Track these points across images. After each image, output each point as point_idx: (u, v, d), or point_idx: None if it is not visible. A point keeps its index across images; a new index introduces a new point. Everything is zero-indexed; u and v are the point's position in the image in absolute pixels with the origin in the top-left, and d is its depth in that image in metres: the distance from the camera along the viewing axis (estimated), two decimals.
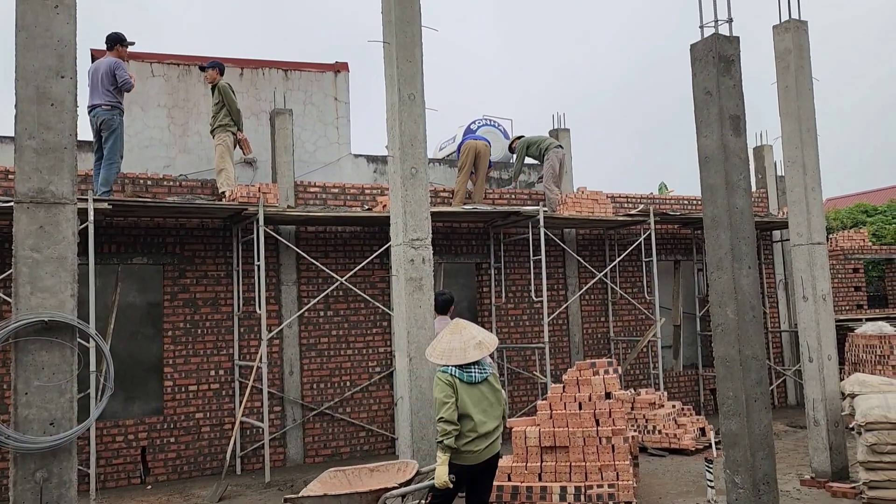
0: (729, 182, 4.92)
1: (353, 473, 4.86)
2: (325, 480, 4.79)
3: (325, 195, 9.60)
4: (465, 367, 4.61)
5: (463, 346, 4.64)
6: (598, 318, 11.31)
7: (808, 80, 7.20)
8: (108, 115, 8.05)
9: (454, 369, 4.59)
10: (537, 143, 10.78)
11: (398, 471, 4.83)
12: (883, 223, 18.54)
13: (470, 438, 4.51)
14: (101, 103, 8.07)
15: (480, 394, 4.62)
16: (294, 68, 10.60)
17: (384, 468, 4.90)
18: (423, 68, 5.59)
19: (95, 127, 8.14)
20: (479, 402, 4.59)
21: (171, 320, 8.68)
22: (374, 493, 4.44)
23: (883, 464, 5.88)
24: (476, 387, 4.61)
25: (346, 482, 4.79)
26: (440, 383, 4.55)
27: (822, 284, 7.06)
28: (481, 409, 4.58)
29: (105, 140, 8.05)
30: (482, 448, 4.57)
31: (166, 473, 8.44)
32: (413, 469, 4.75)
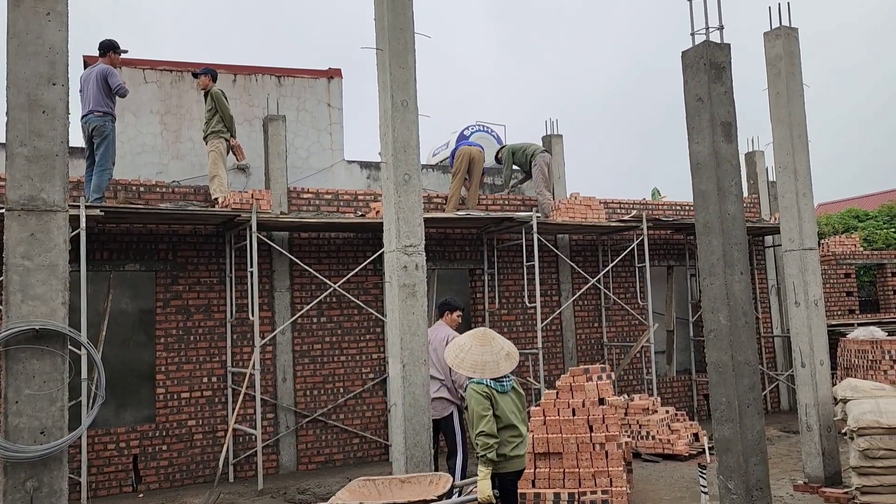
0: (721, 188, 4.94)
1: (383, 483, 4.73)
2: (353, 489, 4.69)
3: (319, 201, 9.59)
4: (497, 378, 4.64)
5: (495, 358, 4.66)
6: (592, 324, 11.32)
7: (799, 86, 7.25)
8: (101, 121, 8.03)
9: (489, 380, 4.61)
10: (522, 150, 10.80)
11: (430, 483, 4.69)
12: (874, 228, 18.63)
13: (514, 444, 4.57)
14: (93, 110, 8.05)
15: (511, 401, 4.68)
16: (287, 74, 10.61)
17: (415, 479, 4.78)
18: (416, 75, 5.60)
19: (87, 133, 8.12)
20: (512, 409, 4.65)
21: (163, 327, 8.65)
22: None
23: (875, 469, 5.89)
24: (508, 395, 4.67)
25: (375, 492, 4.66)
26: (477, 395, 4.55)
27: (814, 290, 7.09)
28: (515, 416, 4.65)
29: (97, 147, 8.03)
30: (524, 453, 4.66)
31: (158, 481, 8.40)
32: (447, 482, 4.65)
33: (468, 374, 4.65)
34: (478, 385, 4.59)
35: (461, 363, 4.70)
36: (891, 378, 8.92)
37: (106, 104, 8.10)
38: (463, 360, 4.71)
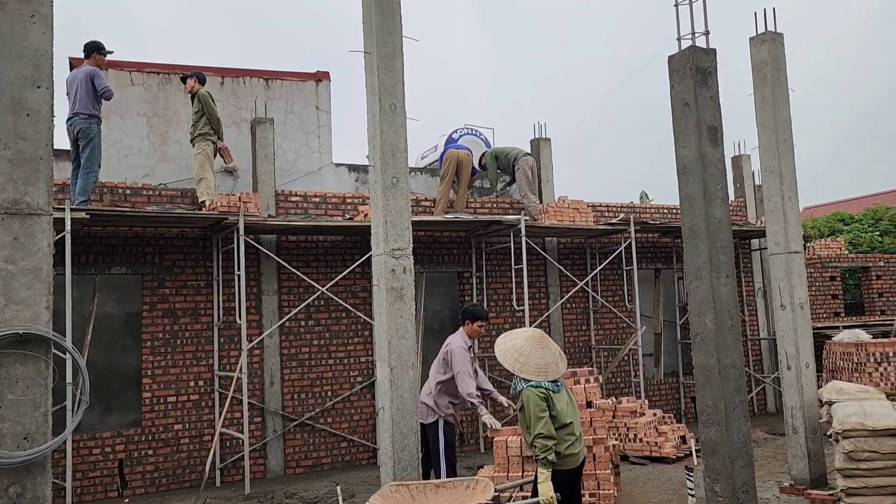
0: (707, 192, 4.97)
1: (417, 489, 4.69)
2: (385, 494, 4.64)
3: (307, 204, 9.57)
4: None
5: (554, 360, 4.77)
6: (580, 327, 11.35)
7: (785, 91, 7.31)
8: (86, 123, 7.97)
9: (545, 382, 4.65)
10: (505, 154, 10.81)
11: (467, 488, 4.66)
12: (859, 232, 18.80)
13: (570, 442, 4.65)
14: (78, 112, 8.00)
15: (565, 400, 4.77)
16: (275, 77, 10.57)
17: (451, 485, 4.73)
18: (404, 78, 5.59)
19: (73, 136, 8.06)
20: (566, 406, 4.74)
21: (149, 331, 8.59)
22: None
23: (860, 471, 5.93)
24: (560, 393, 4.76)
25: (409, 497, 4.62)
26: (535, 398, 4.58)
27: (800, 293, 7.14)
28: (570, 414, 4.73)
29: (82, 149, 7.97)
30: (580, 450, 4.74)
31: (144, 486, 8.33)
32: (485, 488, 4.59)
33: (532, 377, 4.67)
34: (535, 388, 4.63)
35: (524, 367, 4.72)
36: (875, 380, 9.00)
37: (92, 107, 8.05)
38: (525, 363, 4.74)
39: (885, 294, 14.98)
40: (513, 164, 10.67)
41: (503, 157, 10.81)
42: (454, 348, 6.44)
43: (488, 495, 4.46)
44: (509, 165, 10.75)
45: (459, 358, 6.37)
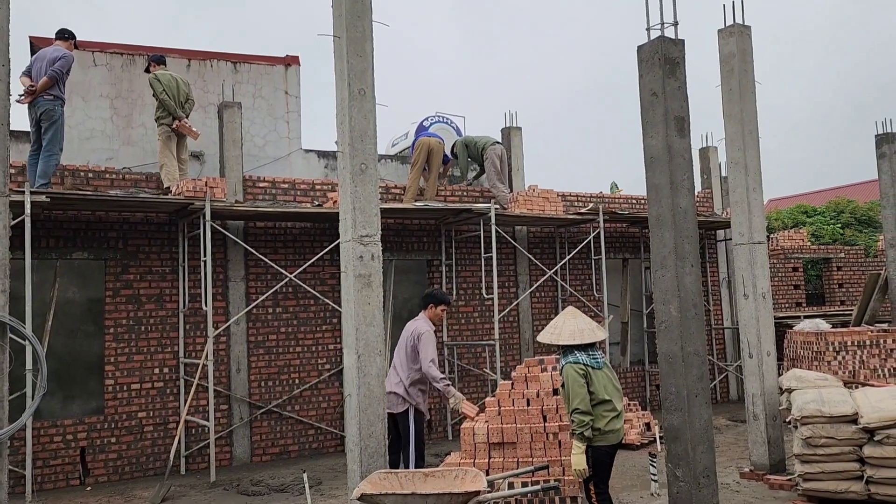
0: (673, 182, 5.02)
1: (406, 477, 4.73)
2: (374, 481, 4.64)
3: (275, 190, 9.47)
4: (591, 354, 4.93)
5: (590, 327, 5.02)
6: (549, 316, 11.42)
7: (751, 83, 7.40)
8: (50, 105, 7.77)
9: (584, 358, 4.87)
10: (475, 143, 10.81)
11: (455, 477, 4.70)
12: (822, 224, 19.20)
13: (609, 418, 4.81)
14: (42, 93, 7.79)
15: (606, 377, 4.92)
16: (243, 61, 10.42)
17: (440, 473, 4.76)
18: (374, 63, 5.54)
19: (35, 117, 7.86)
20: (607, 384, 4.89)
21: (113, 317, 8.45)
22: (467, 495, 4.37)
23: (817, 456, 6.07)
24: (601, 371, 4.91)
25: (397, 484, 4.65)
26: (573, 374, 4.81)
27: (763, 283, 7.27)
28: (611, 391, 4.88)
29: (45, 131, 7.78)
30: (620, 427, 4.88)
31: (107, 474, 8.22)
32: (475, 477, 4.61)
33: (568, 342, 4.92)
34: (574, 365, 4.83)
35: (559, 335, 5.00)
36: (834, 369, 9.20)
37: (56, 88, 7.85)
38: (560, 332, 5.02)
39: (845, 285, 15.34)
40: (481, 154, 10.66)
41: (473, 146, 10.80)
42: (424, 332, 6.37)
43: (479, 485, 4.50)
44: (478, 154, 10.75)
45: (429, 342, 6.33)
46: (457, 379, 10.44)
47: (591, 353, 4.96)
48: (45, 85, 7.73)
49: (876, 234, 18.44)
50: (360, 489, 4.52)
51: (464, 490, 4.44)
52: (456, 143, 11.11)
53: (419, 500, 4.40)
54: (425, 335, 6.36)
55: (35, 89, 7.70)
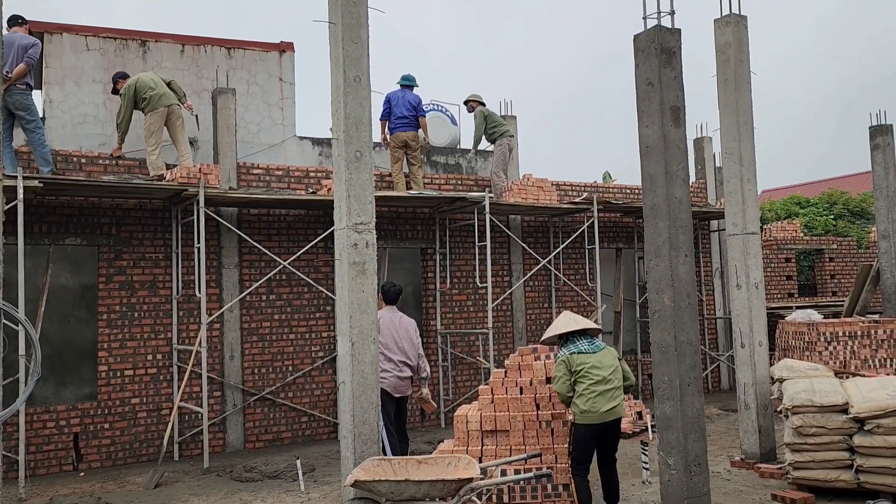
0: (668, 172, 5.03)
1: (399, 464, 4.82)
2: (367, 468, 4.73)
3: (269, 177, 9.43)
4: (590, 341, 5.48)
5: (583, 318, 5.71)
6: (542, 305, 11.46)
7: (747, 73, 7.40)
8: (24, 95, 7.73)
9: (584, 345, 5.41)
10: (494, 122, 10.62)
11: (449, 464, 4.80)
12: (815, 215, 19.26)
13: (589, 398, 5.22)
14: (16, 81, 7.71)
15: (598, 360, 5.34)
16: (237, 46, 10.33)
17: (433, 461, 4.86)
18: (369, 50, 5.52)
19: (4, 105, 7.76)
20: (595, 366, 5.29)
21: (106, 303, 8.43)
22: (460, 482, 4.45)
23: (808, 445, 6.13)
24: (594, 355, 5.36)
25: (391, 471, 4.74)
26: (557, 363, 5.48)
27: (755, 273, 7.30)
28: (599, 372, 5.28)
29: (28, 122, 7.73)
30: (605, 408, 5.22)
31: (100, 460, 8.23)
32: (468, 464, 4.71)
33: (562, 330, 5.56)
34: (567, 354, 5.40)
35: (554, 329, 5.66)
36: (825, 359, 9.27)
37: (28, 75, 7.79)
38: (554, 328, 5.69)
39: (837, 276, 15.42)
40: (496, 138, 10.56)
41: (492, 123, 10.62)
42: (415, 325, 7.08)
43: (472, 472, 4.54)
44: (491, 134, 10.62)
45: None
46: (450, 367, 10.48)
47: (590, 339, 5.50)
48: (22, 72, 7.64)
49: (868, 226, 18.52)
50: (353, 476, 4.56)
51: (457, 477, 4.47)
52: (478, 112, 10.83)
53: (412, 486, 4.44)
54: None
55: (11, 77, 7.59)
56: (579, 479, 5.32)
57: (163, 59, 9.88)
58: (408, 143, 9.93)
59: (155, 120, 8.58)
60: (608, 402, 5.24)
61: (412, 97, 10.07)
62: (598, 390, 5.22)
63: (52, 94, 9.07)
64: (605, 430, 5.33)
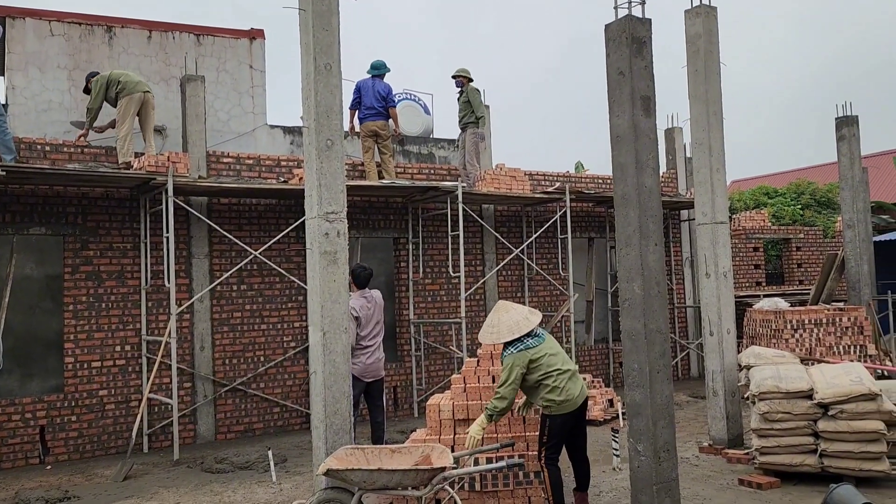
0: (639, 161, 5.06)
1: (372, 452, 4.80)
2: (341, 457, 4.71)
3: (239, 166, 9.32)
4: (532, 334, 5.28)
5: (524, 316, 5.33)
6: (515, 294, 11.50)
7: (717, 64, 7.46)
8: None
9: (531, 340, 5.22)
10: (478, 106, 10.52)
11: (422, 454, 4.79)
12: (783, 205, 19.56)
13: (562, 386, 5.15)
14: None
15: (549, 349, 5.27)
16: (206, 33, 10.19)
17: (407, 450, 4.85)
18: (340, 37, 5.46)
19: None
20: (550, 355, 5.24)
21: (72, 294, 8.28)
22: (433, 471, 4.45)
23: (774, 431, 6.24)
24: (541, 346, 5.25)
25: (364, 459, 4.72)
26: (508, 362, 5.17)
27: (724, 262, 7.40)
28: (559, 360, 5.26)
29: None
30: (577, 391, 5.23)
31: (67, 453, 8.10)
32: (441, 453, 4.71)
33: (509, 337, 5.22)
34: (520, 352, 5.18)
35: (499, 334, 5.28)
36: (791, 346, 9.44)
37: None
38: (500, 330, 5.29)
39: (804, 265, 15.70)
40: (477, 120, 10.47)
41: (476, 103, 10.50)
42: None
43: (445, 461, 4.55)
44: (475, 119, 10.53)
45: None
46: (423, 357, 10.49)
47: (533, 332, 5.33)
48: None
49: (834, 216, 18.88)
50: (326, 465, 4.55)
51: (429, 466, 4.48)
52: (472, 88, 10.69)
53: (385, 475, 4.44)
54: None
55: None
56: (553, 468, 5.32)
57: (129, 45, 9.71)
58: (377, 132, 9.86)
59: (129, 105, 8.43)
60: (577, 384, 5.29)
61: (382, 86, 9.99)
62: (565, 377, 5.23)
63: (15, 81, 8.87)
64: (580, 412, 5.39)
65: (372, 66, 10.06)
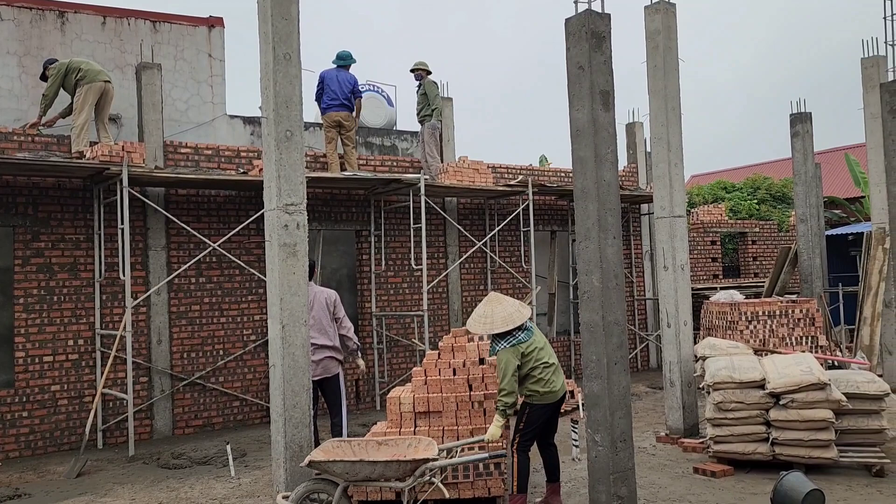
0: (598, 155, 5.10)
1: (359, 445, 4.79)
2: (327, 449, 4.70)
3: (198, 157, 9.15)
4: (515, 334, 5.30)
5: (516, 309, 5.39)
6: (478, 287, 11.54)
7: (675, 60, 7.57)
8: None
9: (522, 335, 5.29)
10: (434, 98, 10.46)
11: (409, 446, 4.79)
12: (740, 199, 19.95)
13: (547, 380, 5.31)
14: None
15: (539, 343, 5.40)
16: (163, 20, 9.96)
17: (394, 442, 4.85)
18: (299, 27, 5.39)
19: None
20: (539, 349, 5.35)
21: (22, 286, 8.05)
22: (415, 462, 4.44)
23: (727, 420, 6.38)
24: (532, 339, 5.36)
25: (350, 452, 4.72)
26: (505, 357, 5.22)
27: (682, 255, 7.52)
28: (546, 354, 5.39)
29: None
30: (560, 384, 5.40)
31: (18, 449, 7.90)
32: (428, 445, 4.71)
33: (501, 329, 5.27)
34: (513, 346, 5.24)
35: (492, 325, 5.31)
36: (746, 337, 9.64)
37: None
38: (493, 321, 5.32)
39: (759, 258, 16.06)
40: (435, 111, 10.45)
41: (432, 96, 10.46)
42: (336, 297, 6.75)
43: (431, 453, 4.56)
44: (432, 111, 10.50)
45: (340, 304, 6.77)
46: (385, 349, 10.46)
47: (523, 325, 5.37)
48: None
49: (789, 210, 19.33)
50: (310, 456, 4.56)
51: (412, 458, 4.50)
52: (430, 81, 10.62)
53: (367, 466, 4.44)
54: (338, 300, 6.76)
55: None
56: (523, 456, 5.44)
57: (83, 31, 9.45)
58: (341, 123, 9.78)
59: (89, 94, 8.22)
60: (559, 378, 5.48)
61: (347, 77, 9.89)
62: (550, 371, 5.38)
63: None
64: (558, 405, 5.54)
65: (337, 57, 9.97)
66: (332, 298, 6.69)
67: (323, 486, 4.65)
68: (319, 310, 6.58)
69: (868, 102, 10.14)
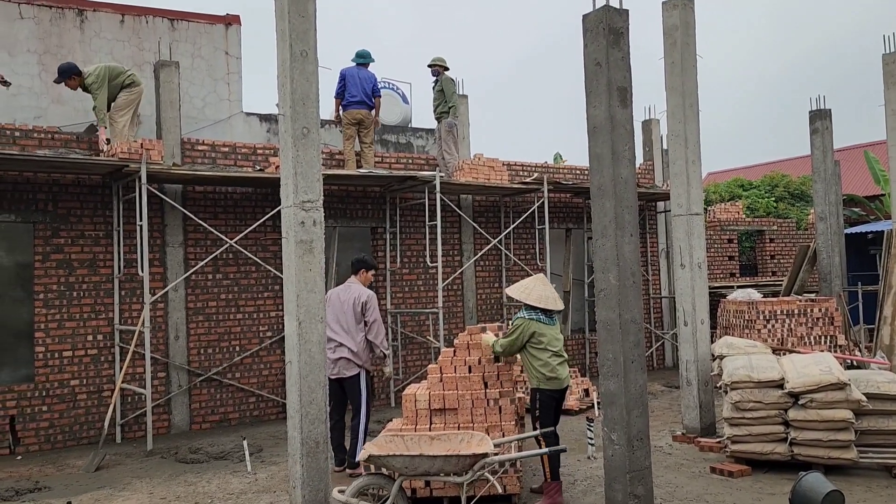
0: (615, 152, 5.07)
1: (412, 439, 4.84)
2: (380, 444, 4.74)
3: (215, 154, 9.21)
4: (548, 314, 5.73)
5: (554, 296, 5.79)
6: (492, 284, 11.53)
7: (693, 56, 7.50)
8: None
9: (543, 317, 5.69)
10: (451, 95, 10.45)
11: (461, 441, 4.82)
12: (757, 197, 19.78)
13: (553, 365, 5.61)
14: None
15: (556, 334, 5.76)
16: (181, 18, 10.03)
17: (445, 437, 4.89)
18: (316, 24, 5.40)
19: None
20: (554, 339, 5.72)
21: (42, 282, 8.14)
22: (475, 457, 4.48)
23: (745, 420, 6.33)
24: (551, 328, 5.73)
25: (403, 446, 4.77)
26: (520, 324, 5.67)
27: (699, 253, 7.47)
28: (557, 345, 5.73)
29: None
30: (565, 374, 5.69)
31: (38, 443, 7.99)
32: (481, 440, 4.72)
33: (535, 303, 5.66)
34: (530, 320, 5.65)
35: (528, 295, 5.72)
36: (763, 336, 9.57)
37: None
38: (530, 293, 5.74)
39: (777, 256, 15.91)
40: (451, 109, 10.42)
41: (449, 92, 10.46)
42: (370, 298, 6.71)
43: (486, 448, 4.58)
44: (448, 109, 10.49)
45: (376, 306, 6.76)
46: (400, 346, 10.48)
47: (549, 313, 5.76)
48: None
49: (807, 208, 19.13)
50: (366, 451, 4.59)
51: (471, 452, 4.51)
52: (448, 78, 10.64)
53: (427, 461, 4.46)
54: (373, 300, 6.73)
55: None
56: (551, 441, 5.53)
57: (101, 29, 9.54)
58: (362, 121, 9.80)
59: (134, 96, 8.40)
60: (565, 370, 5.73)
61: (367, 75, 9.92)
62: (558, 360, 5.66)
63: None
64: (561, 396, 5.76)
65: (357, 55, 9.99)
66: (362, 299, 6.67)
67: (379, 481, 4.68)
68: (339, 309, 6.63)
69: (889, 99, 10.00)
